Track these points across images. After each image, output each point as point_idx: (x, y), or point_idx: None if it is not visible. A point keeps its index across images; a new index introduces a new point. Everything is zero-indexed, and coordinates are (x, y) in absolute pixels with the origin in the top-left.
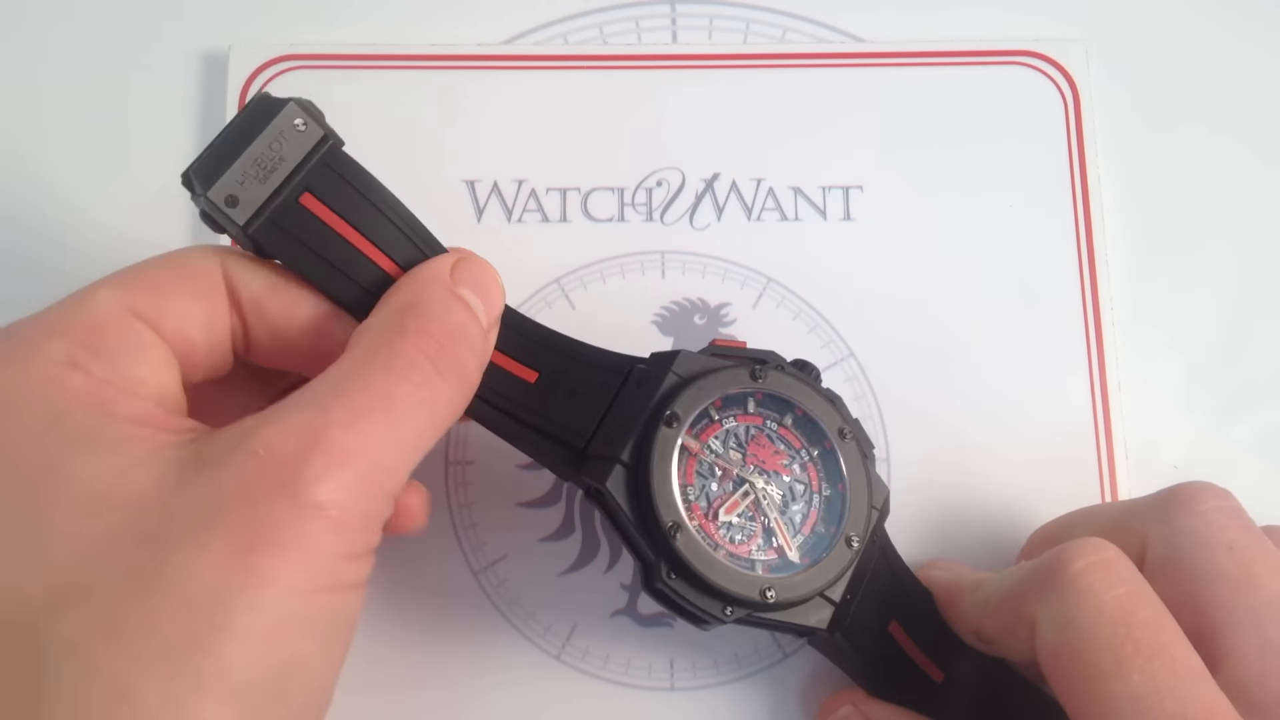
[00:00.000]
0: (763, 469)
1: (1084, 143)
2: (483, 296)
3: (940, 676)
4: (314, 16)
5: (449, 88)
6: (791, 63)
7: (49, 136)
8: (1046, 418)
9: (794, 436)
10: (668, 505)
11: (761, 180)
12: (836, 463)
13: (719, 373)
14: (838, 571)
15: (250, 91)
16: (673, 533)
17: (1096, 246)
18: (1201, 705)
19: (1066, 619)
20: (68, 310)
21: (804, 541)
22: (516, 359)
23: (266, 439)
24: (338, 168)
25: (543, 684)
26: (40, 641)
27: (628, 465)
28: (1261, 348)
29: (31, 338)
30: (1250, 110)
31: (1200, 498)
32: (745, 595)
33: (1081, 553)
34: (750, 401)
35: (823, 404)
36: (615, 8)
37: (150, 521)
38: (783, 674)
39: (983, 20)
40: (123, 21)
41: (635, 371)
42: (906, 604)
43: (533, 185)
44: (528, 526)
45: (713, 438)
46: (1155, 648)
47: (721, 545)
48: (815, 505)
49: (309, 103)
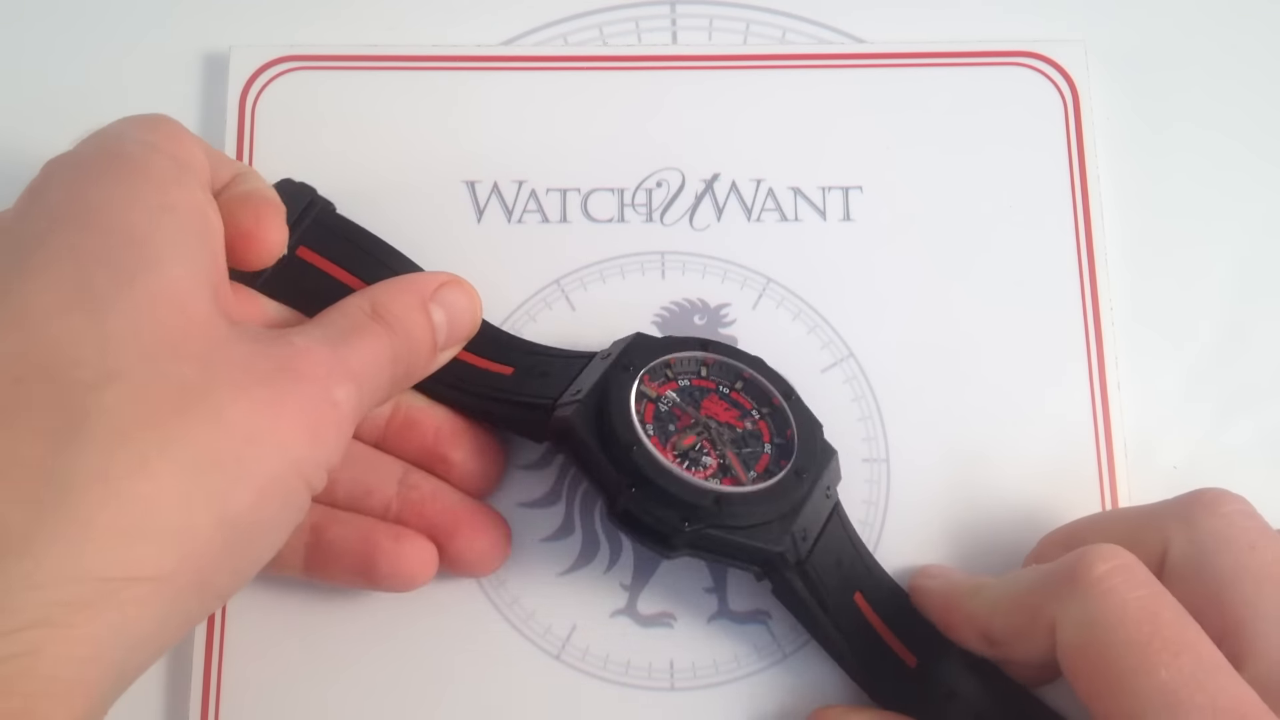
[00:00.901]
0: (716, 419)
1: (1083, 143)
2: (451, 319)
3: (913, 661)
4: (314, 17)
5: (449, 88)
6: (791, 63)
7: (49, 137)
8: (1046, 418)
9: (744, 399)
10: (625, 425)
11: (761, 181)
12: (785, 417)
13: (670, 342)
14: (789, 499)
15: (251, 92)
16: (630, 447)
17: (1096, 246)
18: (1230, 697)
19: (1090, 619)
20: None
21: (756, 477)
22: (494, 360)
23: (304, 346)
24: (330, 224)
25: (543, 684)
26: (78, 399)
27: (589, 405)
28: (1261, 348)
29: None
30: (1250, 109)
31: (1221, 500)
32: (700, 503)
33: (1103, 557)
34: (703, 368)
35: (771, 372)
36: (615, 8)
37: (204, 347)
38: (783, 674)
39: (982, 21)
40: (123, 22)
41: (598, 354)
42: (870, 580)
43: (533, 186)
44: (528, 526)
45: (671, 391)
46: (1181, 644)
47: (678, 468)
48: (768, 451)
49: (302, 183)
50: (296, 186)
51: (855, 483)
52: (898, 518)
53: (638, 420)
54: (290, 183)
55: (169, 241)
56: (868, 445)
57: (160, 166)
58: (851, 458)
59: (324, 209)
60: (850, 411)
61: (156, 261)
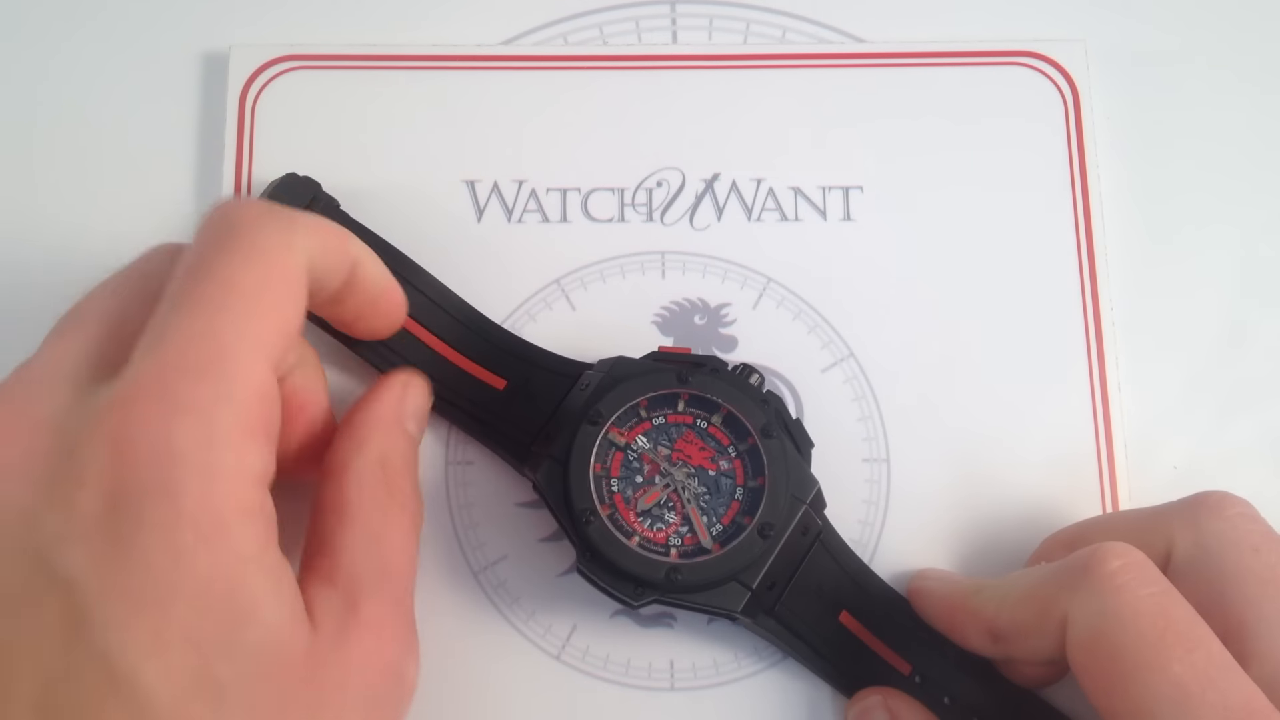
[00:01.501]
0: (688, 463)
1: (1084, 143)
2: (418, 420)
3: (908, 669)
4: (314, 17)
5: (449, 88)
6: (791, 63)
7: (48, 137)
8: (1046, 418)
9: (722, 434)
10: (581, 495)
11: (761, 180)
12: (760, 460)
13: (647, 375)
14: (750, 558)
15: (250, 92)
16: (585, 519)
17: (1096, 246)
18: (1241, 695)
19: (1103, 613)
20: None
21: (721, 530)
22: (487, 367)
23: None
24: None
25: (543, 684)
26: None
27: (558, 460)
28: (1261, 348)
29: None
30: (1250, 109)
31: (1225, 503)
32: (652, 578)
33: (1116, 554)
34: (679, 401)
35: (750, 405)
36: (615, 8)
37: (309, 696)
38: (783, 674)
39: (983, 21)
40: (122, 22)
41: (583, 376)
42: (859, 596)
43: (533, 185)
44: (528, 526)
45: (641, 434)
46: (1193, 640)
47: (637, 532)
48: (738, 497)
49: (307, 177)
50: (301, 181)
51: (855, 483)
52: (898, 518)
53: (594, 487)
54: (294, 177)
55: (258, 584)
56: (868, 445)
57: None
58: (851, 458)
59: (328, 205)
60: (850, 411)
61: (251, 611)
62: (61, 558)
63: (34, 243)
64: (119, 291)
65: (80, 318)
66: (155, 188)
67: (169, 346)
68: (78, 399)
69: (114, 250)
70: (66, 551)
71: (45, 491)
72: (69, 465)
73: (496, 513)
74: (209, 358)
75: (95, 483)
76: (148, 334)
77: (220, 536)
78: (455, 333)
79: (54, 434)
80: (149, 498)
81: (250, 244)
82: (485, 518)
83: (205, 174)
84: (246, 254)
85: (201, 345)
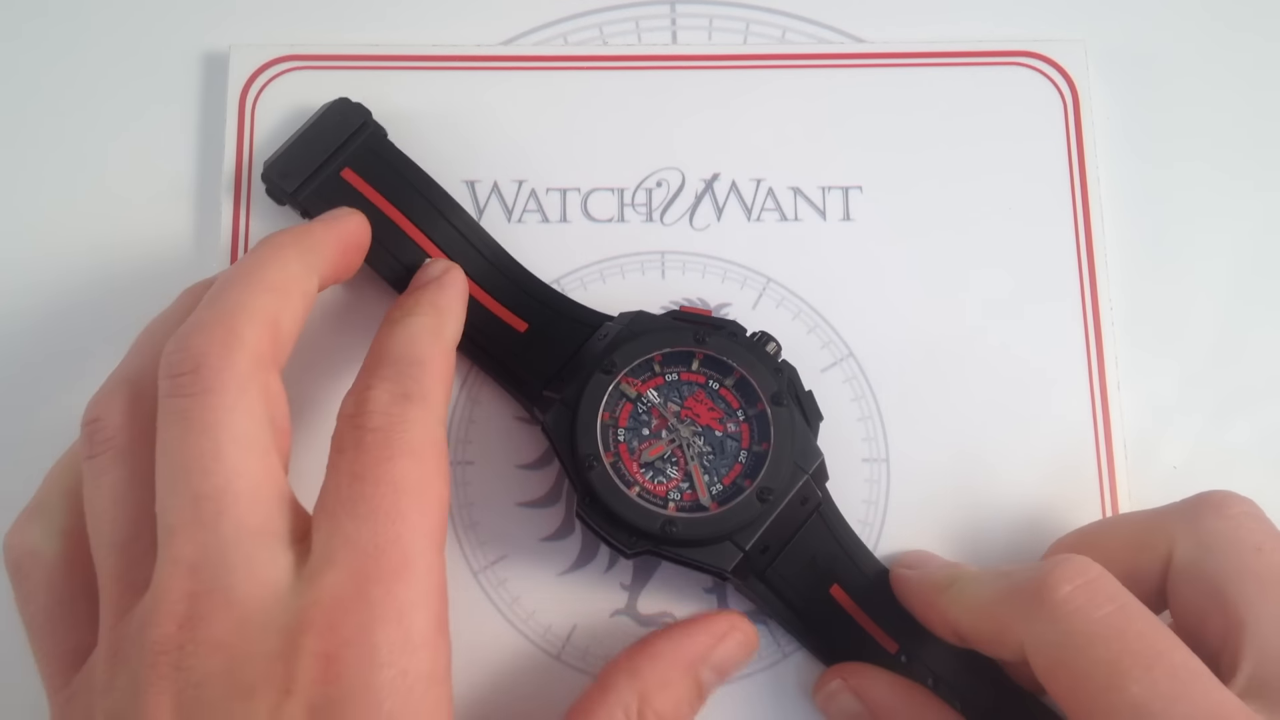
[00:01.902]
0: (696, 422)
1: (1083, 143)
2: (719, 671)
3: (895, 648)
4: (314, 17)
5: (449, 88)
6: (791, 63)
7: (49, 137)
8: (1045, 418)
9: (733, 397)
10: (587, 439)
11: (761, 180)
12: (767, 426)
13: (665, 332)
14: (747, 519)
15: (250, 92)
16: (588, 464)
17: (1096, 246)
18: (1212, 704)
19: (1058, 641)
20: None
21: (721, 490)
22: (510, 309)
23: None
24: (379, 150)
25: (543, 684)
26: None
27: (568, 404)
28: (1261, 348)
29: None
30: (1250, 109)
31: (1228, 502)
32: (648, 528)
33: (1067, 577)
34: (694, 360)
35: (763, 371)
36: (615, 8)
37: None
38: (783, 674)
39: (982, 21)
40: (123, 22)
41: (603, 327)
42: (852, 571)
43: (533, 185)
44: (528, 526)
45: (653, 389)
46: (1152, 656)
47: (638, 482)
48: (742, 460)
49: (358, 104)
50: (352, 107)
51: (855, 483)
52: (898, 518)
53: (600, 434)
54: (346, 102)
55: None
56: (868, 445)
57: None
58: (851, 458)
59: (375, 134)
60: (850, 411)
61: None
62: None
63: (34, 242)
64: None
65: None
66: (156, 187)
67: (361, 555)
68: (276, 598)
69: (114, 250)
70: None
71: (251, 698)
72: (279, 673)
73: (496, 513)
74: (398, 564)
75: (303, 692)
76: (334, 535)
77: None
78: (483, 271)
79: (260, 637)
80: (350, 704)
81: (405, 446)
82: (485, 518)
83: (205, 173)
84: (407, 455)
85: (391, 553)
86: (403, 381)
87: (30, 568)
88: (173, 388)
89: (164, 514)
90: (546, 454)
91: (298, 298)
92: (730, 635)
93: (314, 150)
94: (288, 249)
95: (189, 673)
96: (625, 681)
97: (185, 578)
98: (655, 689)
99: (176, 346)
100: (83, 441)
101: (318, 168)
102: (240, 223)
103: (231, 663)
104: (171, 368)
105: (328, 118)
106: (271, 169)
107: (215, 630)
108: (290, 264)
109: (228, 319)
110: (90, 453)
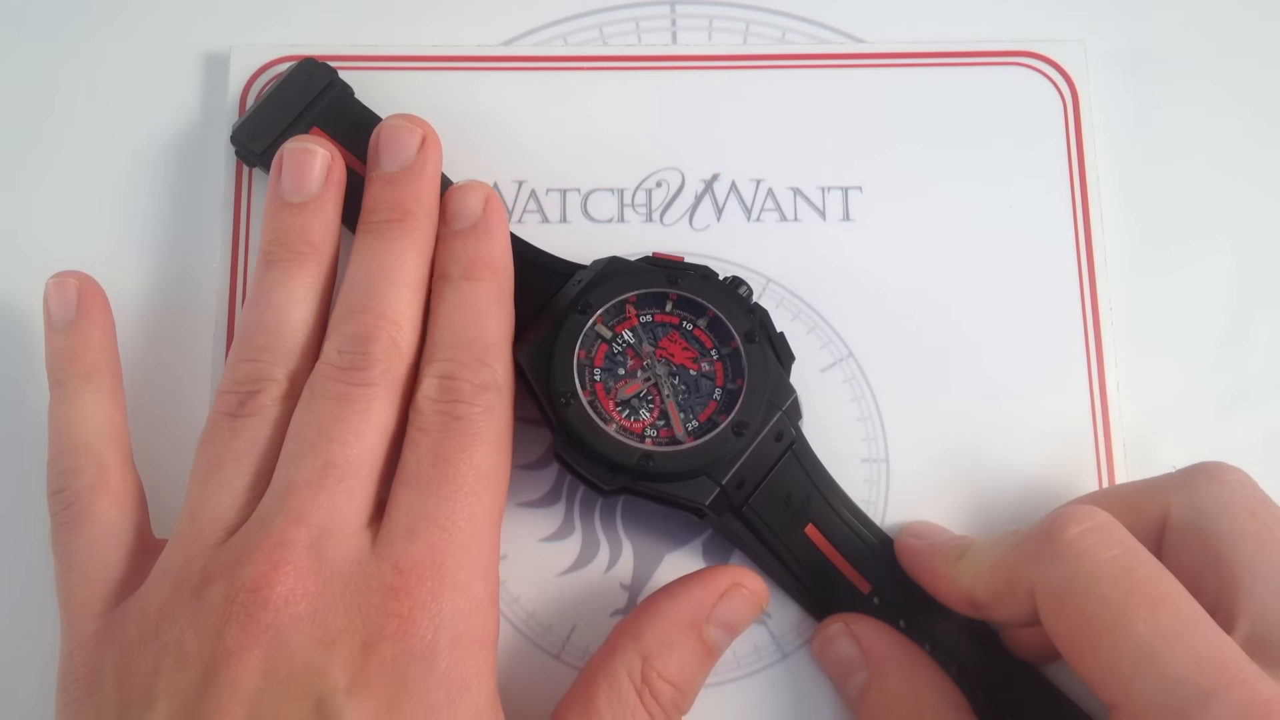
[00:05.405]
0: (671, 361)
1: (1083, 143)
2: (728, 629)
3: (868, 588)
4: (314, 17)
5: (449, 88)
6: (791, 63)
7: (50, 137)
8: (1045, 417)
9: (706, 337)
10: (563, 378)
11: (761, 181)
12: (740, 363)
13: (639, 274)
14: (722, 453)
15: (251, 92)
16: (564, 401)
17: (1095, 246)
18: (1211, 647)
19: (1066, 580)
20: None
21: (696, 426)
22: None
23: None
24: (346, 109)
25: (543, 684)
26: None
27: (542, 346)
28: (1260, 347)
29: None
30: (1250, 109)
31: (1223, 470)
32: (625, 462)
33: (1076, 519)
34: (668, 302)
35: (736, 311)
36: (615, 8)
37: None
38: (783, 674)
39: (982, 21)
40: (123, 21)
41: (577, 273)
42: (826, 511)
43: (533, 186)
44: (528, 526)
45: (627, 330)
46: (1157, 597)
47: (615, 419)
48: (716, 398)
49: (324, 63)
50: (318, 66)
51: (855, 483)
52: (898, 518)
53: (577, 372)
54: (311, 62)
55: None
56: (868, 445)
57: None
58: (851, 458)
59: (341, 91)
60: (850, 411)
61: None
62: (340, 708)
63: (35, 242)
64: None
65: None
66: (156, 187)
67: (439, 530)
68: (359, 560)
69: (115, 250)
70: (344, 704)
71: (331, 648)
72: (358, 627)
73: None
74: (468, 539)
75: (377, 647)
76: (414, 509)
77: (463, 693)
78: None
79: (343, 593)
80: (415, 662)
81: (486, 435)
82: None
83: (205, 173)
84: (486, 443)
85: (466, 529)
86: (480, 371)
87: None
88: (338, 372)
89: (295, 468)
90: (546, 454)
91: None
92: (734, 591)
93: (282, 111)
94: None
95: (278, 614)
96: (629, 644)
97: (292, 526)
98: (658, 650)
99: (354, 331)
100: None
101: (286, 127)
102: (241, 223)
103: (316, 613)
104: (343, 355)
105: (293, 79)
106: (240, 131)
107: (307, 582)
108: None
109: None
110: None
